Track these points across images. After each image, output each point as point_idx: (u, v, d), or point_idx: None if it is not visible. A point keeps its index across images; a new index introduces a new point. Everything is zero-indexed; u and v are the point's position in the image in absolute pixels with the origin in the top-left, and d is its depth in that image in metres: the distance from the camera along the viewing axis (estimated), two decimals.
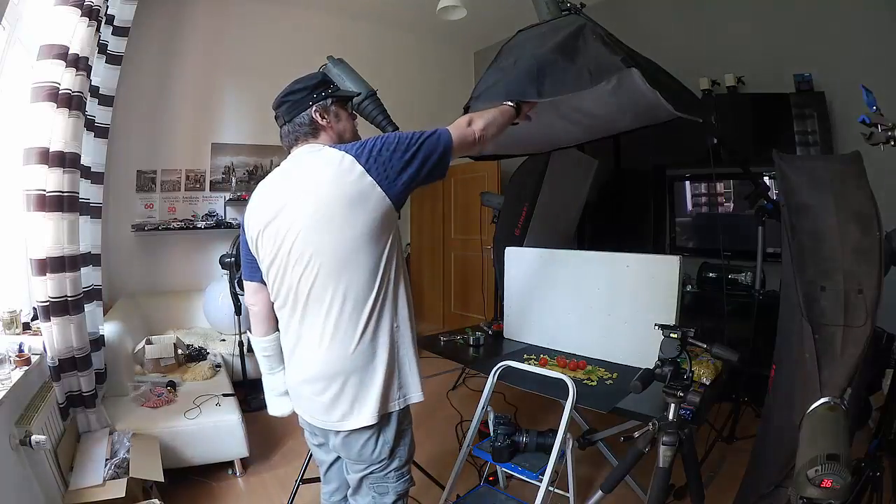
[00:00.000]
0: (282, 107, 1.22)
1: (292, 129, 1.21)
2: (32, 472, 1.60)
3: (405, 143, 1.11)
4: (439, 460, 2.39)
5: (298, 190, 1.13)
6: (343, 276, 1.09)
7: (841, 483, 0.99)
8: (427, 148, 1.13)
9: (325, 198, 1.08)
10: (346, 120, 1.27)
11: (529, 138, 2.38)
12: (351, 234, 1.07)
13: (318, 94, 1.21)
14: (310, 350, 1.15)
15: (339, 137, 1.24)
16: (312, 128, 1.21)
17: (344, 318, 1.10)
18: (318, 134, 1.22)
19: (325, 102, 1.22)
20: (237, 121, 4.11)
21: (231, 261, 2.96)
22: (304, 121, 1.20)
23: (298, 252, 1.10)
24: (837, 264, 1.41)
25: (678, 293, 1.96)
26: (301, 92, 1.21)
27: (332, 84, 1.27)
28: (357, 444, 1.16)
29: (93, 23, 1.95)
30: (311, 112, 1.20)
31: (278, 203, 1.15)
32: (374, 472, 1.19)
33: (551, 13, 2.13)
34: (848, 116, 2.87)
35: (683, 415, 1.38)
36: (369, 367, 1.13)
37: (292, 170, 1.19)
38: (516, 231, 3.45)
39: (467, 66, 5.56)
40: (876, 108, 1.40)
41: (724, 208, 3.57)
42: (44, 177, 1.78)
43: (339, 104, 1.25)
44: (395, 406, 1.16)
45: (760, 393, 1.88)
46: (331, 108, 1.23)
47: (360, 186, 1.07)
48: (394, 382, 1.16)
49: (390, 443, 1.17)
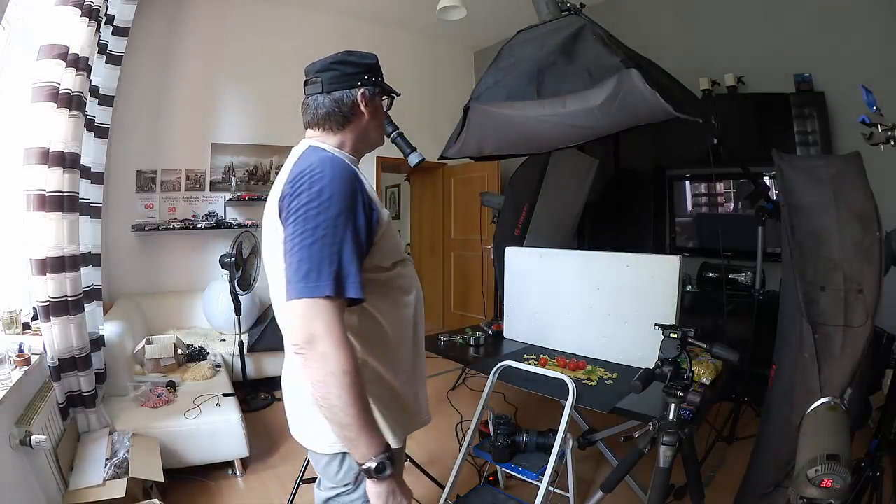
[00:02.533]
0: (326, 73, 1.03)
1: (327, 103, 1.02)
2: (32, 472, 1.60)
3: (316, 207, 0.85)
4: (439, 460, 2.40)
5: (271, 196, 1.02)
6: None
7: (841, 483, 0.99)
8: (297, 258, 0.84)
9: (269, 212, 0.99)
10: (380, 116, 1.10)
11: (529, 138, 2.38)
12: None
13: (370, 77, 1.05)
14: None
15: (364, 135, 1.08)
16: (350, 113, 1.03)
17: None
18: (345, 124, 1.03)
19: (374, 90, 1.06)
20: (237, 121, 4.11)
21: (231, 261, 2.97)
22: (345, 100, 1.02)
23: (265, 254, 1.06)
24: (837, 264, 1.41)
25: (678, 293, 1.96)
26: (355, 66, 1.04)
27: (381, 74, 1.09)
28: (321, 460, 1.03)
29: (93, 23, 1.95)
30: (356, 93, 1.02)
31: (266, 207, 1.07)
32: (341, 495, 1.04)
33: (551, 14, 2.13)
34: (848, 116, 2.87)
35: (683, 415, 1.38)
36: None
37: (282, 171, 1.05)
38: (516, 231, 3.45)
39: (467, 66, 5.56)
40: (876, 108, 1.40)
41: (724, 208, 3.57)
42: (44, 177, 1.78)
43: (383, 97, 1.10)
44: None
45: (760, 393, 1.88)
46: (375, 98, 1.07)
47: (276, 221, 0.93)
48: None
49: (356, 469, 0.96)
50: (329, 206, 0.85)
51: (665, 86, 1.72)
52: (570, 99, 1.87)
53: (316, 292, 0.80)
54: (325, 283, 0.81)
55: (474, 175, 4.91)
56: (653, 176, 3.82)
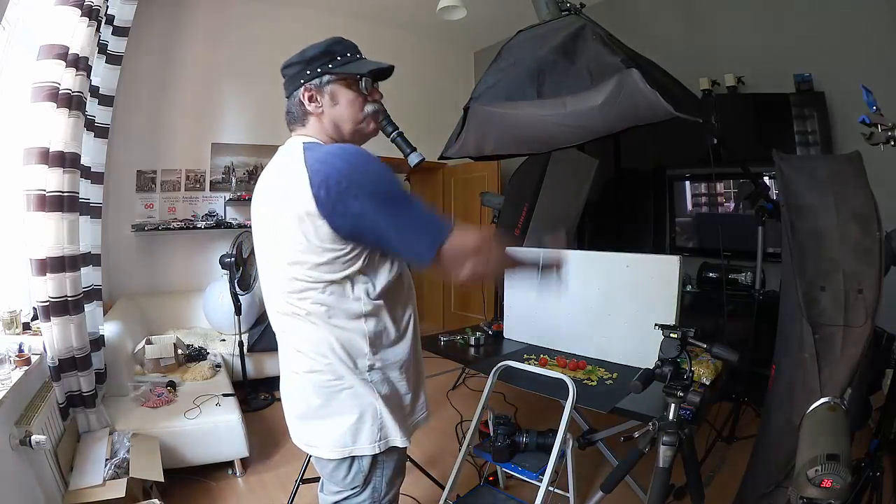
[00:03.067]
0: (284, 80, 1.07)
1: (289, 106, 1.05)
2: (32, 472, 1.60)
3: (389, 208, 0.88)
4: (439, 460, 2.40)
5: (262, 198, 1.02)
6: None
7: (841, 483, 0.99)
8: (419, 216, 0.91)
9: (271, 215, 0.96)
10: (348, 104, 1.01)
11: (529, 138, 2.38)
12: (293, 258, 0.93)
13: (313, 69, 1.00)
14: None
15: (335, 127, 1.03)
16: (301, 112, 1.02)
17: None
18: (305, 121, 1.03)
19: (319, 80, 1.00)
20: (237, 121, 4.11)
21: (231, 261, 2.97)
22: (294, 100, 1.03)
23: (260, 260, 1.05)
24: (837, 264, 1.41)
25: (678, 293, 1.96)
26: (296, 66, 1.02)
27: (339, 56, 1.02)
28: (328, 465, 1.04)
29: (93, 23, 1.95)
30: (300, 93, 1.01)
31: (254, 207, 1.06)
32: (349, 498, 1.05)
33: (551, 13, 2.13)
34: (848, 116, 2.87)
35: (683, 415, 1.38)
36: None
37: (269, 171, 1.04)
38: (516, 231, 3.45)
39: (467, 66, 5.56)
40: (876, 108, 1.40)
41: (724, 208, 3.57)
42: (44, 177, 1.78)
43: (341, 82, 1.01)
44: (365, 451, 0.99)
45: (760, 393, 1.88)
46: (325, 88, 1.00)
47: (307, 217, 0.88)
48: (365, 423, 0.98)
49: (365, 471, 1.02)
50: (382, 179, 0.89)
51: (665, 85, 1.72)
52: (570, 99, 1.87)
53: (445, 234, 0.89)
54: (442, 223, 0.90)
55: (474, 175, 4.91)
56: (653, 176, 3.82)
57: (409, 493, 2.10)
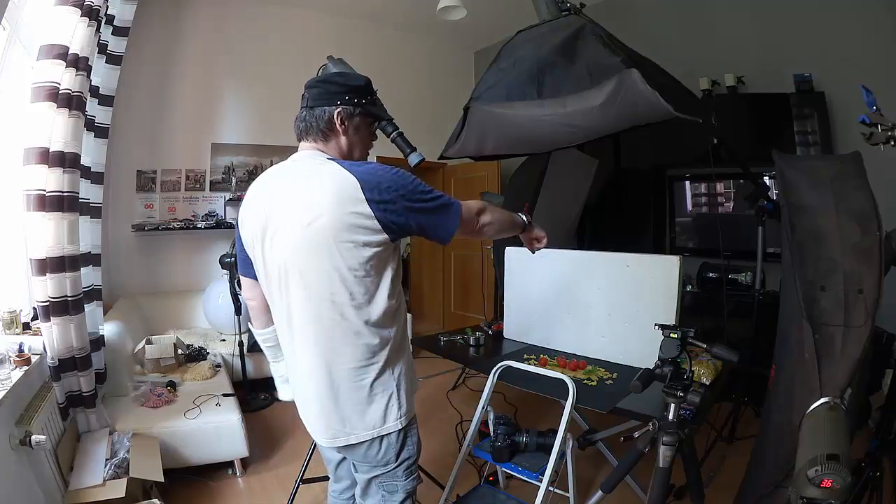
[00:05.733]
0: (313, 89, 1.15)
1: (309, 116, 1.14)
2: (32, 472, 1.60)
3: (419, 189, 1.06)
4: (439, 460, 2.39)
5: (293, 202, 1.06)
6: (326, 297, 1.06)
7: (841, 483, 0.99)
8: (439, 206, 1.09)
9: (320, 219, 1.01)
10: (363, 137, 1.20)
11: (529, 138, 2.38)
12: (340, 262, 1.03)
13: (351, 98, 1.14)
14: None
15: (348, 149, 1.17)
16: (327, 128, 1.14)
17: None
18: (328, 137, 1.15)
19: (352, 109, 1.14)
20: (237, 121, 4.11)
21: (231, 261, 2.97)
22: (322, 115, 1.13)
23: (286, 266, 1.08)
24: (837, 264, 1.41)
25: (678, 293, 1.96)
26: (337, 86, 1.14)
27: (372, 95, 1.19)
28: (360, 449, 1.15)
29: (93, 23, 1.95)
30: (333, 111, 1.13)
31: (271, 210, 1.10)
32: (383, 472, 1.18)
33: (551, 13, 2.13)
34: (848, 116, 2.87)
35: (683, 415, 1.38)
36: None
37: (290, 176, 1.12)
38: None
39: (467, 66, 5.56)
40: (876, 108, 1.40)
41: (724, 208, 3.57)
42: (44, 177, 1.78)
43: (366, 118, 1.18)
44: (394, 426, 1.13)
45: (760, 393, 1.88)
46: (355, 118, 1.16)
47: (359, 217, 1.01)
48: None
49: (395, 445, 1.16)
50: (416, 182, 1.07)
51: (665, 86, 1.72)
52: (570, 99, 1.87)
53: (459, 209, 1.13)
54: (452, 202, 1.12)
55: (474, 175, 4.91)
56: (653, 176, 3.82)
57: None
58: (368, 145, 1.23)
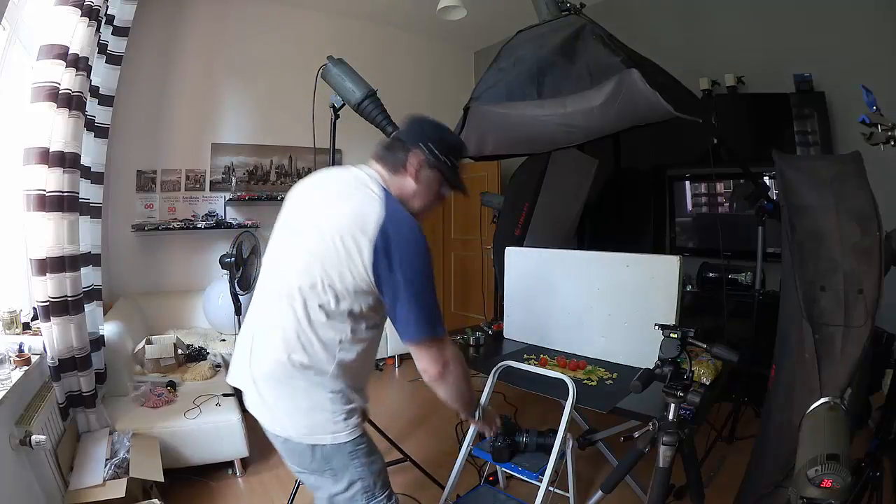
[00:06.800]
0: (409, 123, 1.21)
1: (392, 142, 1.19)
2: (32, 472, 1.60)
3: (424, 273, 1.07)
4: (439, 460, 2.39)
5: (329, 211, 1.12)
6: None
7: (841, 483, 0.99)
8: (424, 308, 1.07)
9: (334, 241, 1.06)
10: (428, 193, 1.19)
11: (529, 138, 2.38)
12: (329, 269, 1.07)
13: (437, 150, 1.15)
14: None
15: (410, 194, 1.17)
16: (400, 162, 1.16)
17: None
18: (396, 171, 1.16)
19: (431, 160, 1.15)
20: (237, 121, 4.11)
21: (231, 261, 2.97)
22: (402, 148, 1.16)
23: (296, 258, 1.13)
24: (837, 264, 1.41)
25: (678, 293, 1.96)
26: (433, 133, 1.17)
27: (457, 160, 1.21)
28: (296, 451, 1.16)
29: (93, 23, 1.95)
30: (413, 150, 1.15)
31: (307, 199, 1.19)
32: (336, 496, 1.16)
33: (551, 13, 2.13)
34: (848, 116, 2.86)
35: (683, 415, 1.38)
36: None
37: (341, 185, 1.17)
38: (516, 231, 3.45)
39: (467, 66, 5.55)
40: (876, 108, 1.40)
41: (724, 208, 3.57)
42: (44, 177, 1.78)
43: (442, 178, 1.19)
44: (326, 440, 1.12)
45: (760, 393, 1.88)
46: (432, 171, 1.16)
47: (360, 266, 1.05)
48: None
49: (335, 469, 1.15)
50: (425, 264, 1.08)
51: (665, 85, 1.72)
52: (570, 99, 1.87)
53: (439, 333, 1.11)
54: (440, 326, 1.12)
55: (474, 175, 4.90)
56: (653, 176, 3.82)
57: (410, 493, 2.10)
58: (431, 205, 1.22)
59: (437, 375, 1.13)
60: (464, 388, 1.23)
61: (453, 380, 1.17)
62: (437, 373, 1.13)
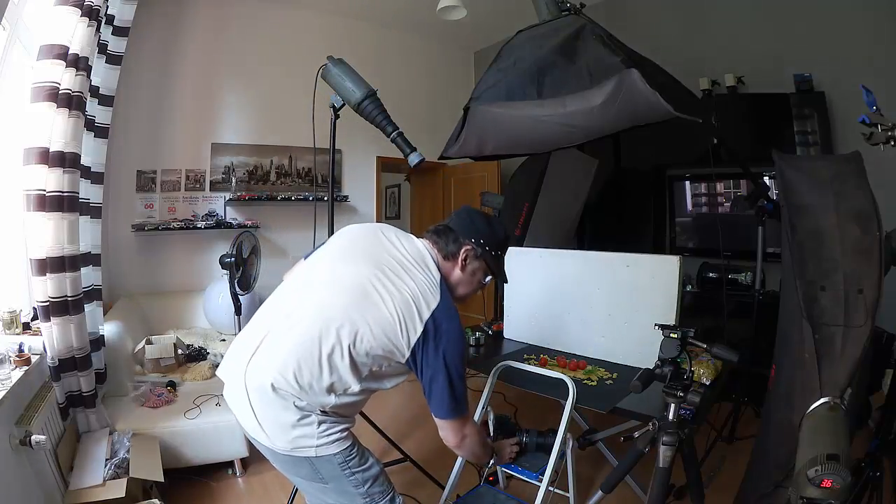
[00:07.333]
0: (462, 216, 1.34)
1: (444, 230, 1.31)
2: (32, 472, 1.60)
3: (457, 364, 1.17)
4: (439, 460, 2.39)
5: (394, 276, 1.19)
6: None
7: (841, 483, 0.99)
8: (452, 392, 1.17)
9: (386, 299, 1.15)
10: (472, 281, 1.33)
11: (529, 138, 2.38)
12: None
13: (487, 246, 1.30)
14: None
15: (456, 283, 1.31)
16: (451, 253, 1.29)
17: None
18: (447, 259, 1.30)
19: (479, 253, 1.29)
20: (237, 121, 4.11)
21: (231, 261, 2.96)
22: (456, 240, 1.29)
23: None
24: (837, 264, 1.41)
25: (678, 293, 1.96)
26: (483, 228, 1.31)
27: (502, 253, 1.36)
28: (281, 459, 1.19)
29: (93, 23, 1.95)
30: (465, 245, 1.29)
31: (376, 259, 1.24)
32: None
33: (551, 13, 2.13)
34: (848, 116, 2.86)
35: (683, 415, 1.38)
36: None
37: (408, 255, 1.26)
38: (517, 231, 3.45)
39: (467, 66, 5.55)
40: (876, 108, 1.40)
41: (724, 208, 3.57)
42: (44, 177, 1.78)
43: (486, 267, 1.33)
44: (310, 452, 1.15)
45: (760, 393, 1.88)
46: (477, 262, 1.31)
47: (404, 333, 1.13)
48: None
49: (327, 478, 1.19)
50: (462, 356, 1.19)
51: (665, 85, 1.72)
52: (570, 99, 1.87)
53: (464, 413, 1.24)
54: (464, 406, 1.23)
55: (474, 175, 4.90)
56: (653, 176, 3.82)
57: (409, 493, 2.10)
58: (473, 290, 1.36)
59: (456, 445, 1.28)
60: (479, 452, 1.38)
61: (469, 447, 1.31)
62: (456, 443, 1.28)
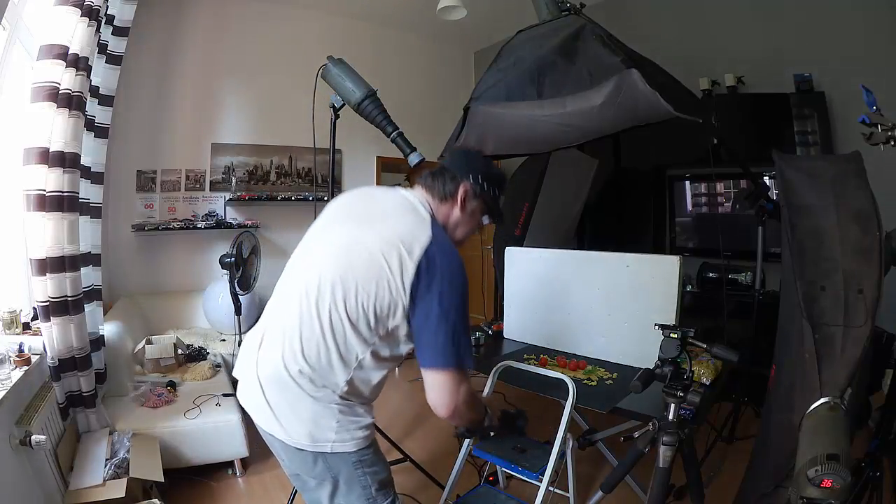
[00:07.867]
0: (456, 155, 1.28)
1: (439, 172, 1.22)
2: (32, 472, 1.60)
3: (458, 304, 1.06)
4: (439, 460, 2.40)
5: (376, 227, 1.12)
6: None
7: (841, 483, 0.99)
8: (450, 337, 1.05)
9: (370, 259, 1.06)
10: (471, 221, 1.25)
11: (529, 138, 2.38)
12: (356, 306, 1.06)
13: (485, 184, 1.21)
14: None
15: (454, 223, 1.22)
16: (449, 193, 1.20)
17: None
18: (444, 201, 1.21)
19: (478, 192, 1.21)
20: (237, 121, 4.11)
21: (231, 261, 2.96)
22: (452, 180, 1.20)
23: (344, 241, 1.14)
24: (837, 264, 1.41)
25: (678, 293, 1.96)
26: (480, 165, 1.24)
27: (500, 193, 1.27)
28: (297, 456, 1.14)
29: (93, 23, 1.95)
30: (462, 182, 1.20)
31: (356, 221, 1.17)
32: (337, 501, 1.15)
33: (551, 14, 2.13)
34: (848, 116, 2.86)
35: (683, 415, 1.38)
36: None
37: (390, 204, 1.18)
38: (517, 231, 3.45)
39: (467, 66, 5.56)
40: (876, 108, 1.40)
41: (724, 208, 3.57)
42: (44, 177, 1.78)
43: (485, 207, 1.25)
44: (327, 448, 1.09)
45: (760, 393, 1.88)
46: (476, 201, 1.22)
47: (396, 287, 1.04)
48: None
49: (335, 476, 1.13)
50: (459, 292, 1.07)
51: (665, 85, 1.72)
52: (570, 99, 1.87)
53: (464, 364, 1.08)
54: (466, 356, 1.08)
55: None
56: (653, 176, 3.82)
57: (410, 493, 2.10)
58: (471, 231, 1.27)
59: (448, 409, 1.10)
60: (472, 415, 1.23)
61: (463, 412, 1.15)
62: (448, 407, 1.09)
